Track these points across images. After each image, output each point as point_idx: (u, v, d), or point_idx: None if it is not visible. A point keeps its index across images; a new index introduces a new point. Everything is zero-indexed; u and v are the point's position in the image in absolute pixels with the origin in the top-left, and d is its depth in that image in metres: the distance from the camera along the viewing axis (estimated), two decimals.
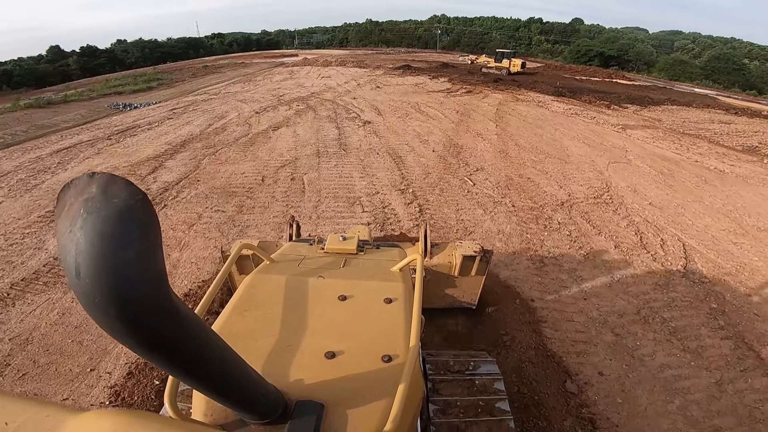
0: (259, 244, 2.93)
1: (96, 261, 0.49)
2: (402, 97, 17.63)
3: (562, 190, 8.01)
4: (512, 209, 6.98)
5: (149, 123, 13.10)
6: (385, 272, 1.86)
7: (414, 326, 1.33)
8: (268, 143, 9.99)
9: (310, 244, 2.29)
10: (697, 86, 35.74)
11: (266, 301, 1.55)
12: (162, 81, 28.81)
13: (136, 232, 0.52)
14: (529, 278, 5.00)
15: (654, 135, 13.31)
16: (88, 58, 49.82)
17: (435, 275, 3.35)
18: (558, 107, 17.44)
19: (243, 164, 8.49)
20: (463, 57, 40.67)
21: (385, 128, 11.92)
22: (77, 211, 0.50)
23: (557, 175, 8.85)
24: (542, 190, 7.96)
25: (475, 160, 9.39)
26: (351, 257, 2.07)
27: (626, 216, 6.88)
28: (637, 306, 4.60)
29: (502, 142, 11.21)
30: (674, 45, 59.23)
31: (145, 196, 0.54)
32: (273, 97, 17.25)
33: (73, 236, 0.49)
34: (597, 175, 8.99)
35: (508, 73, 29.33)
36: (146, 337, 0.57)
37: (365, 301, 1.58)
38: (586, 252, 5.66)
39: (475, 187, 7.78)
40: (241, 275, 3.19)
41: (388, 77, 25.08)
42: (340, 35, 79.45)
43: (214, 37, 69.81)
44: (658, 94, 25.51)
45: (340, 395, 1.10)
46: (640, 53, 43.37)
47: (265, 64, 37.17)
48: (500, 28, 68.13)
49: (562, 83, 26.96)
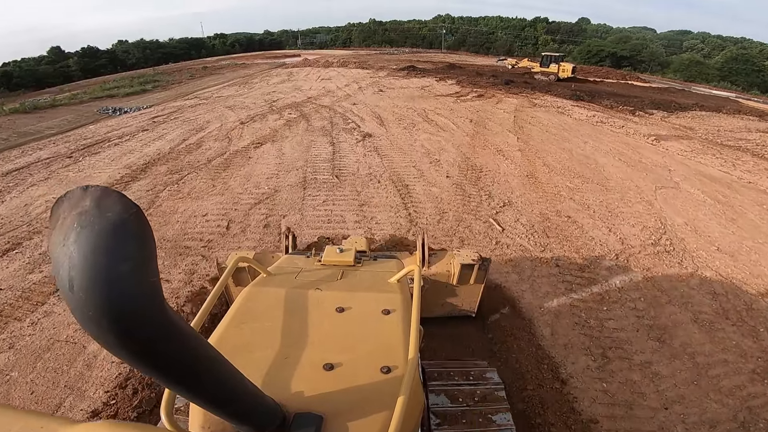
0: (255, 256, 2.94)
1: (89, 274, 0.47)
2: (407, 103, 15.59)
3: (612, 234, 6.12)
4: (557, 271, 5.08)
5: (121, 136, 11.20)
6: (383, 283, 1.80)
7: (413, 337, 1.29)
8: (246, 167, 8.00)
9: (307, 257, 2.18)
10: (715, 88, 33.47)
11: (263, 314, 1.51)
12: (159, 83, 27.49)
13: (130, 246, 0.50)
14: (590, 385, 3.54)
15: (692, 147, 11.53)
16: (88, 59, 47.95)
17: (433, 284, 3.27)
18: (580, 114, 15.36)
19: (208, 200, 6.52)
20: (501, 61, 36.87)
21: (388, 143, 9.91)
22: (71, 225, 0.49)
23: (601, 209, 6.91)
24: (588, 235, 6.04)
25: (499, 189, 7.39)
26: (348, 269, 1.99)
27: (694, 270, 5.27)
28: (733, 409, 3.41)
29: (527, 160, 9.19)
30: (683, 45, 56.62)
31: (139, 209, 0.53)
32: (265, 103, 15.26)
33: (67, 250, 0.48)
34: (647, 208, 7.10)
35: (556, 79, 26.05)
36: (140, 350, 0.55)
37: (363, 312, 1.54)
38: (659, 332, 4.18)
39: (505, 235, 5.81)
40: (237, 287, 3.05)
41: (391, 79, 23.00)
42: (344, 35, 77.04)
43: (216, 37, 67.57)
44: (680, 98, 23.33)
45: (339, 407, 1.07)
46: (654, 53, 40.73)
47: (265, 65, 35.30)
48: (506, 27, 65.42)
49: (577, 85, 24.85)
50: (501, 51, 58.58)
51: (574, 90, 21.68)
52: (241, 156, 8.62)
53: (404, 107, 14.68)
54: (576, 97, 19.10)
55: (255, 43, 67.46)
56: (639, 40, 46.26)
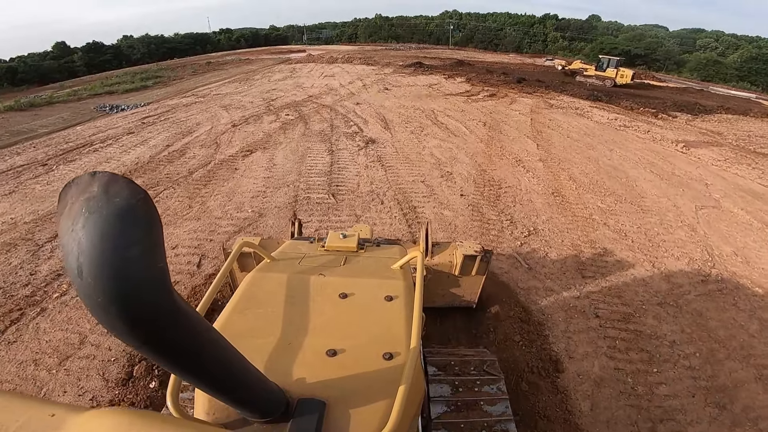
0: (261, 242, 2.84)
1: (98, 260, 0.46)
2: (414, 102, 14.34)
3: (656, 270, 5.08)
4: (596, 323, 4.12)
5: (105, 139, 10.10)
6: (386, 270, 1.74)
7: (415, 324, 1.26)
8: (230, 181, 6.86)
9: (311, 242, 2.10)
10: (733, 88, 31.69)
11: (267, 300, 1.47)
12: (160, 79, 26.62)
13: (137, 231, 0.49)
14: None
15: (724, 156, 10.38)
16: (93, 54, 46.92)
17: (436, 274, 3.18)
18: (601, 116, 14.04)
19: (182, 226, 5.37)
20: (549, 61, 33.99)
21: (394, 151, 8.73)
22: (79, 211, 0.48)
23: (640, 238, 5.83)
24: (630, 273, 5.01)
25: (522, 213, 6.21)
26: (351, 255, 1.92)
27: (752, 313, 4.40)
28: None
29: (551, 173, 7.98)
30: (696, 43, 54.29)
31: (147, 195, 0.52)
32: (263, 102, 14.09)
33: (75, 235, 0.47)
34: (690, 234, 6.04)
35: (613, 85, 22.91)
36: (148, 336, 0.54)
37: (366, 298, 1.49)
38: (718, 396, 3.41)
39: (532, 275, 4.66)
40: (242, 272, 2.91)
41: (398, 76, 21.69)
42: (350, 31, 75.27)
43: (221, 32, 66.09)
44: (702, 99, 21.81)
45: (342, 393, 1.05)
46: (670, 52, 38.64)
47: (270, 61, 34.08)
48: (514, 24, 63.26)
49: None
50: (510, 48, 56.68)
51: (589, 88, 20.26)
52: (227, 167, 7.47)
53: (411, 108, 13.45)
54: (593, 97, 17.71)
55: (260, 39, 65.90)
56: (653, 38, 44.13)
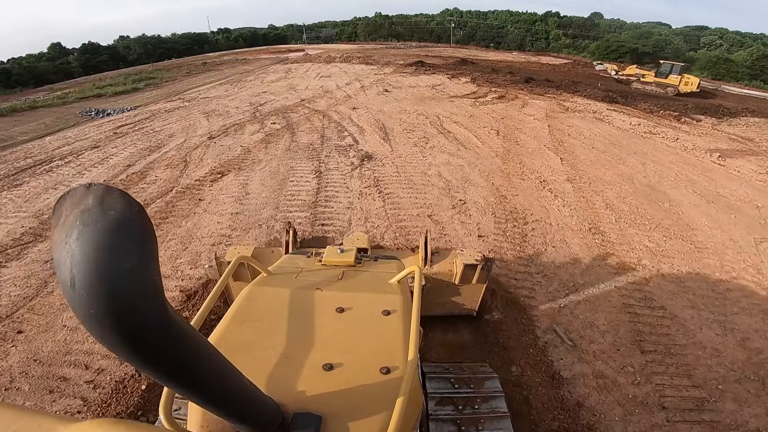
0: (254, 252, 2.77)
1: (91, 272, 0.46)
2: (417, 107, 12.81)
3: (729, 335, 3.87)
4: (662, 417, 3.17)
5: (67, 155, 8.63)
6: (384, 284, 1.70)
7: (412, 338, 1.24)
8: (190, 219, 5.36)
9: (308, 256, 2.06)
10: (746, 87, 29.92)
11: (264, 314, 1.45)
12: (153, 80, 25.18)
13: (132, 244, 0.49)
14: None
15: (765, 167, 8.95)
16: (89, 56, 45.34)
17: (435, 283, 3.02)
18: (622, 121, 12.51)
19: None
20: (600, 66, 30.21)
21: (394, 171, 7.24)
22: (73, 223, 0.47)
23: (702, 289, 4.53)
24: (697, 341, 3.85)
25: (556, 261, 4.74)
26: (349, 269, 1.88)
27: None
28: None
29: (583, 199, 6.49)
30: (700, 41, 52.30)
31: (141, 208, 0.51)
32: (249, 107, 12.59)
33: (69, 247, 0.46)
34: (757, 279, 4.82)
35: (675, 93, 20.24)
36: (141, 349, 0.53)
37: (363, 313, 1.47)
38: None
39: (577, 356, 3.22)
40: (236, 282, 2.81)
41: (398, 77, 20.12)
42: (349, 29, 73.29)
43: (220, 32, 64.24)
44: (721, 100, 20.19)
45: (339, 408, 1.04)
46: (678, 50, 36.83)
47: (267, 61, 32.48)
48: (516, 21, 61.30)
49: (604, 84, 21.69)
50: (512, 45, 54.77)
51: (601, 88, 18.68)
52: (189, 197, 5.98)
53: (413, 113, 11.94)
54: (609, 99, 16.15)
55: (259, 38, 64.05)
56: (660, 35, 42.27)
